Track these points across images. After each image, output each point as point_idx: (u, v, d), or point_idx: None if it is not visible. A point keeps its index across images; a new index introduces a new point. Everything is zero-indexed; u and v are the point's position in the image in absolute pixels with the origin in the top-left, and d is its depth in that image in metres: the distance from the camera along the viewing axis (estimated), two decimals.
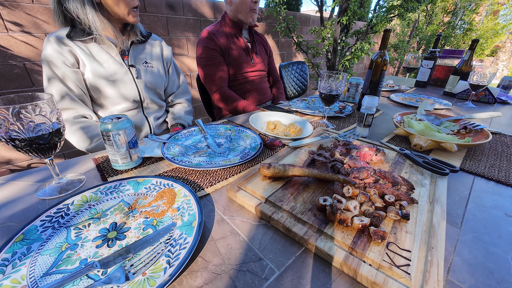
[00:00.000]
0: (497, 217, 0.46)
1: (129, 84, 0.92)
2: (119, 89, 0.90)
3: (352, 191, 0.46)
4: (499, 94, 1.40)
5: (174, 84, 1.13)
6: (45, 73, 0.80)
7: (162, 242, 0.38)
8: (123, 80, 0.90)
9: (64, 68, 0.80)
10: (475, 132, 0.79)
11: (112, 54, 0.88)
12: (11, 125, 0.41)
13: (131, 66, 0.92)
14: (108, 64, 0.86)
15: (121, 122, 0.55)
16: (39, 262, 0.34)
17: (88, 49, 0.84)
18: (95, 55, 0.85)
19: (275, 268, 0.35)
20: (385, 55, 0.94)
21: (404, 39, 5.31)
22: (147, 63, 0.98)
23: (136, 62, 0.94)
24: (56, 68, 0.79)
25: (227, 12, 1.28)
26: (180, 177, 0.56)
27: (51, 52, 0.78)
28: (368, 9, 3.22)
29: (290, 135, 0.79)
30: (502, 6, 6.60)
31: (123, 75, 0.90)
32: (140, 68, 0.95)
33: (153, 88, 1.01)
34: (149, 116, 1.00)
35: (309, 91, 3.82)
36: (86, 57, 0.82)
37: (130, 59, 0.93)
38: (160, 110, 1.06)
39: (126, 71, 0.91)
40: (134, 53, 0.94)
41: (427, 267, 0.33)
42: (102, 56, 0.86)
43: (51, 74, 0.79)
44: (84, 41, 0.83)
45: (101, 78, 0.85)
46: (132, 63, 0.93)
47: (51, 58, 0.78)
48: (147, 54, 0.99)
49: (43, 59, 0.79)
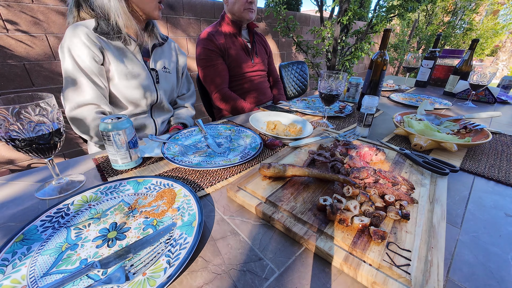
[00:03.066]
0: (497, 217, 0.46)
1: (151, 88, 0.90)
2: (140, 92, 0.88)
3: (352, 191, 0.46)
4: (499, 94, 1.40)
5: (183, 88, 1.13)
6: (67, 65, 0.75)
7: (162, 242, 0.38)
8: (145, 84, 0.88)
9: (92, 63, 0.76)
10: (475, 132, 0.79)
11: (136, 56, 0.86)
12: (11, 125, 0.41)
13: (151, 69, 0.91)
14: (132, 65, 0.84)
15: (121, 122, 0.55)
16: (39, 262, 0.34)
17: (114, 47, 0.81)
18: (121, 55, 0.82)
19: (275, 268, 0.35)
20: (385, 55, 0.94)
21: (404, 39, 5.30)
22: (165, 68, 0.97)
23: (156, 66, 0.93)
24: (83, 62, 0.75)
25: (226, 11, 1.28)
26: (180, 177, 0.56)
27: (79, 46, 0.74)
28: (368, 9, 3.22)
29: (290, 135, 0.79)
30: (502, 6, 6.60)
31: (145, 78, 0.88)
32: (159, 72, 0.94)
33: (169, 94, 1.01)
34: (156, 118, 0.99)
35: (309, 91, 3.82)
36: (112, 55, 0.80)
37: (152, 63, 0.91)
38: (168, 114, 1.06)
39: (148, 74, 0.89)
40: (155, 57, 0.93)
41: (427, 267, 0.33)
42: (127, 57, 0.83)
43: (75, 68, 0.75)
44: (111, 38, 0.80)
45: (124, 79, 0.83)
46: (153, 66, 0.91)
47: (79, 51, 0.74)
48: (166, 59, 0.98)
49: (67, 49, 0.74)
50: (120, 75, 0.82)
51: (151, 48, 0.91)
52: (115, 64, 0.81)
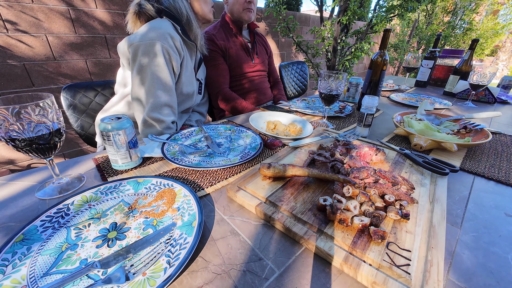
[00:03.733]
0: (497, 217, 0.46)
1: (195, 98, 0.93)
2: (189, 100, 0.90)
3: (352, 191, 0.46)
4: (499, 93, 1.40)
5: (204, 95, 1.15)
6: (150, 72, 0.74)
7: (162, 242, 0.38)
8: (194, 93, 0.91)
9: (177, 67, 0.77)
10: (475, 131, 0.79)
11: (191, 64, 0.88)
12: (11, 125, 0.41)
13: (197, 80, 0.94)
14: (192, 75, 0.86)
15: (121, 122, 0.55)
16: (39, 262, 0.34)
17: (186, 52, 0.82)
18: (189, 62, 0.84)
19: (275, 268, 0.35)
20: (385, 55, 0.94)
21: (404, 39, 5.30)
22: (202, 79, 1.00)
23: (200, 76, 0.96)
24: (169, 67, 0.76)
25: (226, 11, 1.28)
26: (180, 177, 0.56)
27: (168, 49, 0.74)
28: (368, 9, 3.22)
29: (290, 135, 0.79)
30: (502, 6, 6.60)
31: (194, 87, 0.91)
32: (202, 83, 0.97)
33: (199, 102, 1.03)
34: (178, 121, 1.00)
35: (309, 91, 3.82)
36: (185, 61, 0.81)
37: (199, 73, 0.94)
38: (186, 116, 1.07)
39: (196, 84, 0.92)
40: (202, 68, 0.96)
41: (427, 267, 0.33)
42: (190, 65, 0.85)
43: (163, 74, 0.75)
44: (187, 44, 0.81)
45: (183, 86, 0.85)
46: (199, 77, 0.94)
47: (168, 54, 0.74)
48: (202, 69, 1.00)
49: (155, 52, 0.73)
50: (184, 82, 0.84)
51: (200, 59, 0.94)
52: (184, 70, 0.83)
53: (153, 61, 0.74)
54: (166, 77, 0.76)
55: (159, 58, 0.74)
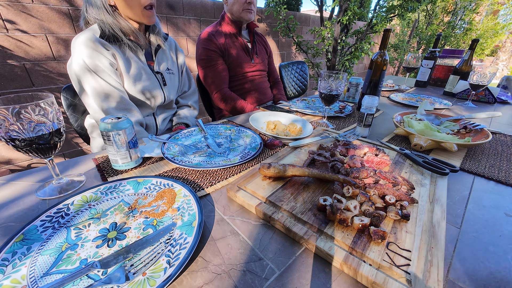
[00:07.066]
0: (497, 217, 0.46)
1: (158, 92, 0.91)
2: (149, 96, 0.89)
3: (352, 191, 0.46)
4: (499, 94, 1.40)
5: (184, 86, 1.13)
6: (88, 81, 0.75)
7: (162, 242, 0.38)
8: (152, 87, 0.89)
9: (110, 71, 0.77)
10: (475, 132, 0.79)
11: (141, 59, 0.86)
12: (11, 125, 0.41)
13: (157, 73, 0.91)
14: (139, 70, 0.85)
15: (121, 122, 0.55)
16: (39, 262, 0.34)
17: (122, 52, 0.82)
18: (128, 60, 0.83)
19: (275, 268, 0.35)
20: (385, 55, 0.94)
21: (404, 39, 5.30)
22: (169, 69, 0.98)
23: (160, 68, 0.93)
24: (103, 73, 0.76)
25: (226, 11, 1.28)
26: (180, 177, 0.56)
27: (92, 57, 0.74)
28: (368, 9, 3.22)
29: (290, 135, 0.79)
30: (502, 6, 6.60)
31: (152, 82, 0.89)
32: (164, 74, 0.94)
33: (174, 94, 1.01)
34: (157, 116, 1.00)
35: (309, 91, 3.82)
36: (121, 61, 0.81)
37: (156, 66, 0.92)
38: (170, 111, 1.06)
39: (154, 78, 0.90)
40: (159, 59, 0.93)
41: (427, 267, 0.33)
42: (133, 62, 0.84)
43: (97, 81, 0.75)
44: (117, 44, 0.81)
45: (133, 85, 0.84)
46: (157, 69, 0.92)
47: (95, 62, 0.75)
48: (168, 60, 0.98)
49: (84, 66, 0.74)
50: (130, 81, 0.83)
51: (154, 51, 0.92)
52: (125, 70, 0.82)
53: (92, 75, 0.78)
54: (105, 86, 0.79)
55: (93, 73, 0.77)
